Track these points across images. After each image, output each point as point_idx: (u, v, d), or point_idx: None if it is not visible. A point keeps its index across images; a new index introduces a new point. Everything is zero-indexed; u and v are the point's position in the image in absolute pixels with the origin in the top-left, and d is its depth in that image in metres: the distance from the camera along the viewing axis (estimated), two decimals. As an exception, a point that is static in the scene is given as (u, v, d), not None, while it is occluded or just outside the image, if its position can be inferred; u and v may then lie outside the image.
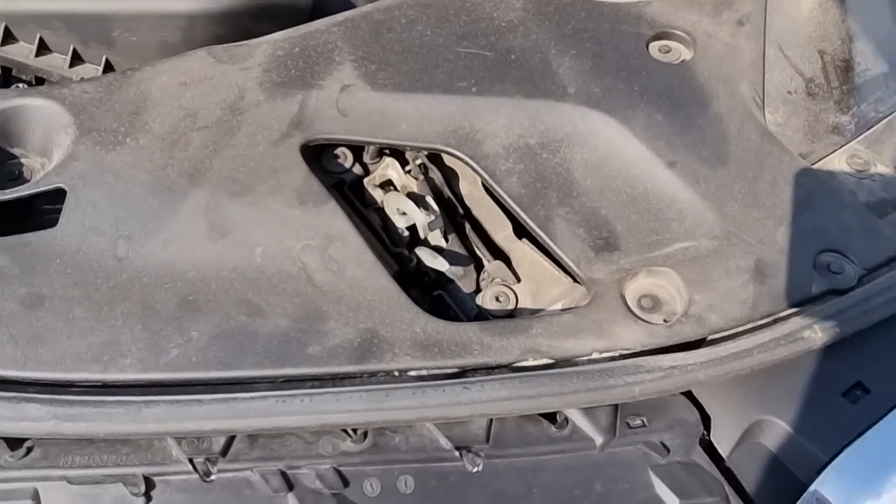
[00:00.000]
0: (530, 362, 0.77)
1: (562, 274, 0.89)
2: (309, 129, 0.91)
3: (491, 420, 0.80)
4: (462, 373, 0.77)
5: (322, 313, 0.79)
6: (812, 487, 0.76)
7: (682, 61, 1.02)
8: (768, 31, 1.09)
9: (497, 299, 0.88)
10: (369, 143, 0.93)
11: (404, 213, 0.90)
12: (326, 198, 0.85)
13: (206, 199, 0.84)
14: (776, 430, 0.78)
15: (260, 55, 0.98)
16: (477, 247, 0.93)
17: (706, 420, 0.81)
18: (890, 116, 1.01)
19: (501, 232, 0.95)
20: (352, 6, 1.20)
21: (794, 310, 0.81)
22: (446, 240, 0.92)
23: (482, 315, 0.88)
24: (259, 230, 0.83)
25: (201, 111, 0.91)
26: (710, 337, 0.80)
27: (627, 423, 0.78)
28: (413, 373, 0.76)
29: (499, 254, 0.94)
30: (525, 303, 0.89)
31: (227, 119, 0.91)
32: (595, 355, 0.78)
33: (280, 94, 0.93)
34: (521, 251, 0.93)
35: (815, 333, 0.78)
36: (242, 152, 0.88)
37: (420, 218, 0.87)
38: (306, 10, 1.12)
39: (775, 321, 0.80)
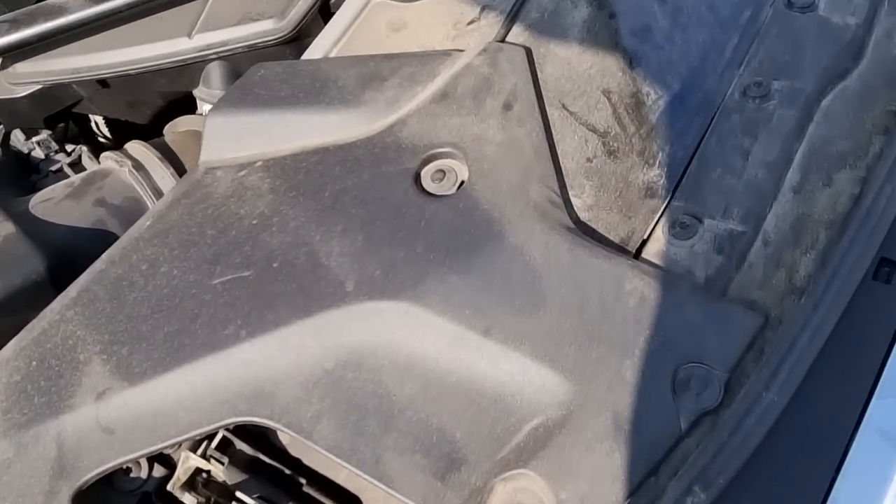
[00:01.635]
0: None
1: (420, 501, 0.77)
2: (76, 470, 0.76)
3: None
4: None
5: None
6: None
7: (461, 184, 0.88)
8: (545, 89, 0.96)
9: (362, 564, 0.77)
10: (152, 454, 0.79)
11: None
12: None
13: None
14: None
15: (-6, 391, 0.82)
16: (323, 501, 0.81)
17: None
18: (697, 151, 0.90)
19: (343, 470, 0.83)
20: (106, 238, 1.04)
21: (669, 465, 0.71)
22: (286, 512, 0.80)
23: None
24: None
25: (-55, 507, 0.76)
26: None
27: None
28: None
29: (350, 496, 0.82)
30: (393, 552, 0.77)
31: (-23, 505, 0.76)
32: None
33: (31, 440, 0.78)
34: (369, 486, 0.81)
35: (698, 497, 0.68)
36: (7, 544, 0.74)
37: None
38: (44, 281, 0.96)
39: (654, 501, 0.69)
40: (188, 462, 0.81)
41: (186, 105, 1.32)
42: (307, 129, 0.95)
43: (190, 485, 0.81)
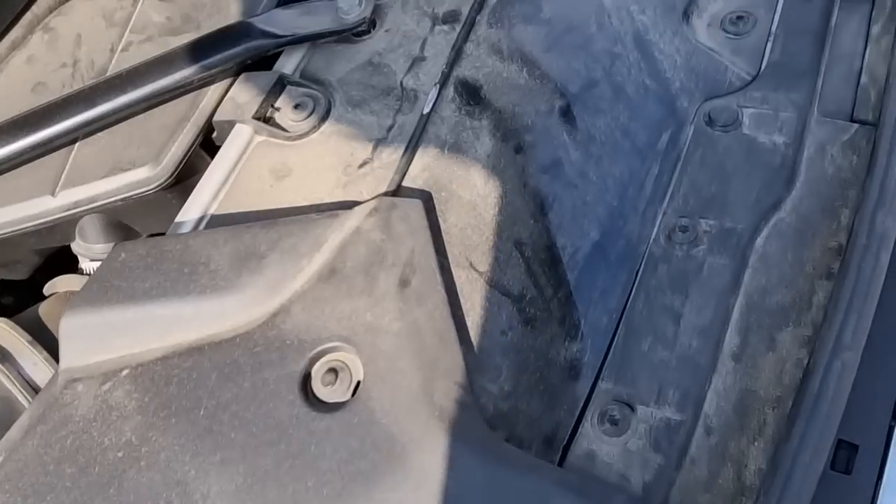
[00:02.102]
0: None
1: None
2: None
3: None
4: None
5: None
6: None
7: (357, 386, 0.76)
8: (450, 244, 0.84)
9: None
10: None
11: None
12: None
13: None
14: None
15: None
16: None
17: None
18: (623, 315, 0.79)
19: None
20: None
21: None
22: None
23: None
24: None
25: None
26: None
27: None
28: None
29: None
30: None
31: None
32: None
33: None
34: None
35: None
36: None
37: None
38: None
39: None
40: None
41: (69, 256, 1.18)
42: (178, 324, 0.82)
43: None
